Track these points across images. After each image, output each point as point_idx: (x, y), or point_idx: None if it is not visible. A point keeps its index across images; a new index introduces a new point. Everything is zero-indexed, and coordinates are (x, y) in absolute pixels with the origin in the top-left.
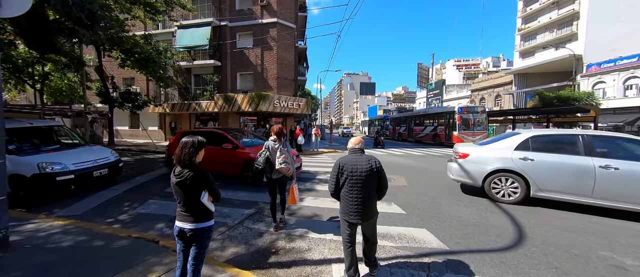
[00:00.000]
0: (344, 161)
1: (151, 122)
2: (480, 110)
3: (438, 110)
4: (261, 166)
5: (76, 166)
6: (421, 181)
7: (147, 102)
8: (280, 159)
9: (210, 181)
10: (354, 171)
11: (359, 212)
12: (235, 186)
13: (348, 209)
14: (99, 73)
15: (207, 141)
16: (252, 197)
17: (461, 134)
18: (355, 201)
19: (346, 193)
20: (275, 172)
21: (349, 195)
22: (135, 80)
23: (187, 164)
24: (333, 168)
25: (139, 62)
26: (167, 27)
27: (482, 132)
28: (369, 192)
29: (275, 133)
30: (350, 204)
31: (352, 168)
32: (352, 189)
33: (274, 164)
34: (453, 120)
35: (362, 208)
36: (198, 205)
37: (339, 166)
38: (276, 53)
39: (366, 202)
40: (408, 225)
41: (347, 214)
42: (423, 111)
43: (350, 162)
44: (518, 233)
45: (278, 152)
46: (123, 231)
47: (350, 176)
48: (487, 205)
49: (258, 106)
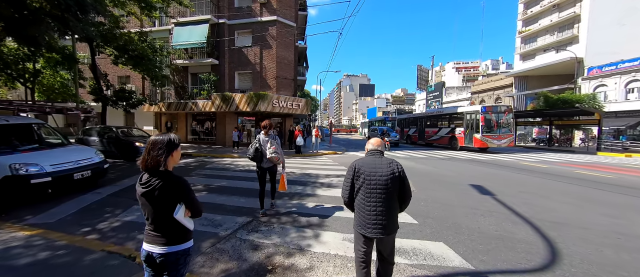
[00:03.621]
0: (360, 164)
1: (147, 121)
2: (505, 109)
3: (456, 110)
4: (252, 156)
5: (54, 168)
6: (431, 186)
7: (141, 100)
8: (270, 149)
9: (188, 191)
10: (372, 176)
11: (378, 224)
12: (231, 191)
13: (365, 220)
14: (93, 70)
15: None
16: (248, 203)
17: (485, 137)
18: (373, 211)
19: (362, 201)
20: (266, 161)
21: (365, 204)
22: (130, 78)
23: (156, 169)
24: (347, 172)
25: (133, 59)
26: (164, 24)
27: (507, 135)
28: (390, 201)
29: (263, 127)
30: (368, 215)
31: (369, 172)
32: (370, 197)
33: (265, 154)
34: (475, 121)
35: (382, 219)
36: (171, 223)
37: (354, 169)
38: (276, 52)
39: (387, 213)
40: (422, 237)
41: (364, 227)
42: (437, 111)
43: (368, 166)
44: (550, 250)
45: (268, 144)
46: (97, 244)
47: (367, 181)
48: (507, 214)
49: (257, 106)
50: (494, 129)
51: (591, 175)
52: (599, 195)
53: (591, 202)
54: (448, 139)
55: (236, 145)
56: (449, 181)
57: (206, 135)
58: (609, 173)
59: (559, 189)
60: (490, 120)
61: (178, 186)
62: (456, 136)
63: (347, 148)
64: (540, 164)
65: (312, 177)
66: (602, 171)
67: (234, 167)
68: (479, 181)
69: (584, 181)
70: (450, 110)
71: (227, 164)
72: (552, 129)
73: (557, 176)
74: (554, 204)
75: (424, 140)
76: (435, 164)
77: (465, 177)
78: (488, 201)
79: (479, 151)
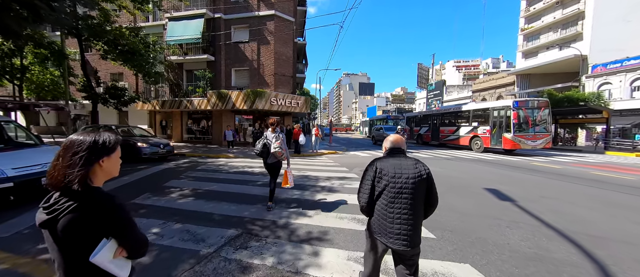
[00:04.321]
0: (382, 165)
1: (141, 120)
2: (542, 104)
3: (480, 106)
4: (259, 151)
5: (18, 172)
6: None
7: (134, 98)
8: (275, 144)
9: (122, 218)
10: (397, 178)
11: (402, 234)
12: (220, 196)
13: (386, 228)
14: (82, 66)
15: None
16: (239, 210)
17: (517, 137)
18: (397, 219)
19: (385, 207)
20: (270, 156)
21: (388, 210)
22: (123, 75)
23: (66, 187)
24: (366, 173)
25: (123, 55)
26: (157, 19)
27: (544, 135)
28: (416, 208)
29: (271, 124)
30: (390, 223)
31: (394, 173)
32: (394, 202)
33: (270, 149)
34: (505, 118)
35: (408, 229)
36: (87, 272)
37: (375, 171)
38: (274, 48)
39: (413, 221)
40: (444, 257)
41: (385, 235)
42: (455, 108)
43: (392, 167)
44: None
45: (273, 139)
46: (44, 271)
47: (391, 184)
48: (536, 226)
49: (254, 104)
50: (528, 127)
51: (609, 176)
52: (627, 200)
53: (621, 208)
54: (469, 139)
55: (231, 145)
56: (461, 185)
57: (202, 134)
58: (628, 174)
59: (582, 193)
60: (524, 117)
61: (105, 211)
62: (479, 136)
63: (348, 148)
64: (551, 165)
65: (311, 180)
66: (619, 171)
67: (227, 169)
68: (492, 184)
69: (605, 184)
70: (473, 106)
71: (221, 164)
72: (557, 127)
73: (574, 178)
74: (583, 211)
75: (438, 140)
76: (442, 164)
77: (476, 179)
78: (510, 208)
79: (505, 152)
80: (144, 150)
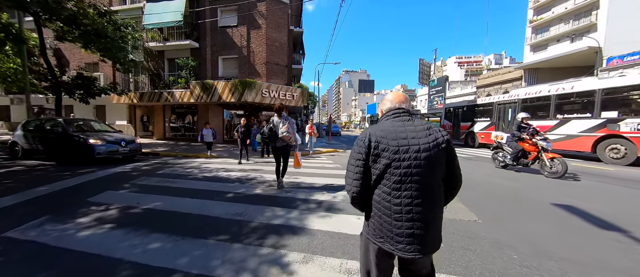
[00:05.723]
0: (379, 133)
1: (119, 115)
2: None
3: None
4: (266, 135)
5: None
6: (495, 207)
7: (105, 89)
8: (283, 129)
9: None
10: (404, 152)
11: (415, 234)
12: (161, 220)
13: (390, 228)
14: (41, 50)
15: None
16: (176, 255)
17: None
18: (408, 214)
19: (386, 197)
20: (279, 140)
21: (392, 200)
22: (99, 66)
23: None
24: (356, 147)
25: (85, 36)
26: (135, 2)
27: None
28: (433, 193)
29: (276, 109)
30: (396, 219)
31: (399, 146)
32: (401, 189)
33: (277, 133)
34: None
35: (421, 226)
36: None
37: (368, 142)
38: (265, 33)
39: (429, 214)
40: None
41: (389, 238)
42: (566, 86)
43: (394, 137)
44: None
45: (280, 124)
46: None
47: (395, 162)
48: None
49: (243, 96)
50: None
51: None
52: None
53: None
54: (594, 142)
55: (210, 147)
56: (519, 197)
57: (188, 130)
58: None
59: None
60: None
61: None
62: (627, 137)
63: (348, 145)
64: (593, 165)
65: (303, 192)
66: None
67: (197, 173)
68: (558, 196)
69: None
70: (608, 82)
71: (193, 167)
72: None
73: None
74: None
75: None
76: (472, 168)
77: (531, 187)
78: (626, 244)
79: None
80: (97, 148)
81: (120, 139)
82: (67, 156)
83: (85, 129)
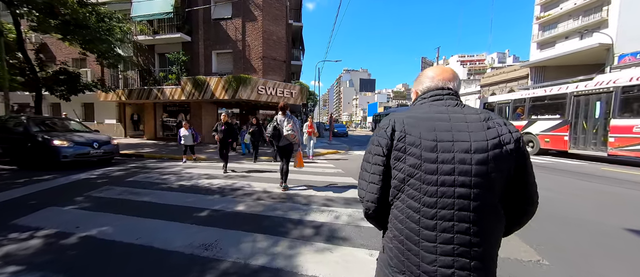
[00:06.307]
0: (408, 120)
1: (108, 114)
2: None
3: None
4: (270, 134)
5: None
6: (552, 232)
7: (89, 85)
8: (287, 127)
9: None
10: (444, 148)
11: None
12: (98, 255)
13: (418, 260)
14: (18, 42)
15: None
16: None
17: None
18: (445, 241)
19: (415, 212)
20: (282, 139)
21: (422, 220)
22: (87, 61)
23: None
24: (376, 135)
25: (63, 27)
26: None
27: None
28: (488, 219)
29: (280, 108)
30: (429, 251)
31: (436, 139)
32: (436, 203)
33: (282, 132)
34: None
35: (466, 264)
36: None
37: (391, 129)
38: (262, 26)
39: (479, 248)
40: None
41: (415, 275)
42: None
43: (430, 123)
44: None
45: (285, 122)
46: None
47: (427, 164)
48: None
49: (237, 93)
50: None
51: None
52: None
53: None
54: None
55: (188, 151)
56: (570, 218)
57: None
58: None
59: None
60: None
61: None
62: None
63: (351, 146)
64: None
65: (298, 210)
66: None
67: (171, 182)
68: (613, 213)
69: None
70: None
71: (173, 172)
72: None
73: None
74: None
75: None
76: None
77: (577, 198)
78: None
79: None
80: (62, 151)
81: (92, 140)
82: (28, 159)
83: (57, 128)
